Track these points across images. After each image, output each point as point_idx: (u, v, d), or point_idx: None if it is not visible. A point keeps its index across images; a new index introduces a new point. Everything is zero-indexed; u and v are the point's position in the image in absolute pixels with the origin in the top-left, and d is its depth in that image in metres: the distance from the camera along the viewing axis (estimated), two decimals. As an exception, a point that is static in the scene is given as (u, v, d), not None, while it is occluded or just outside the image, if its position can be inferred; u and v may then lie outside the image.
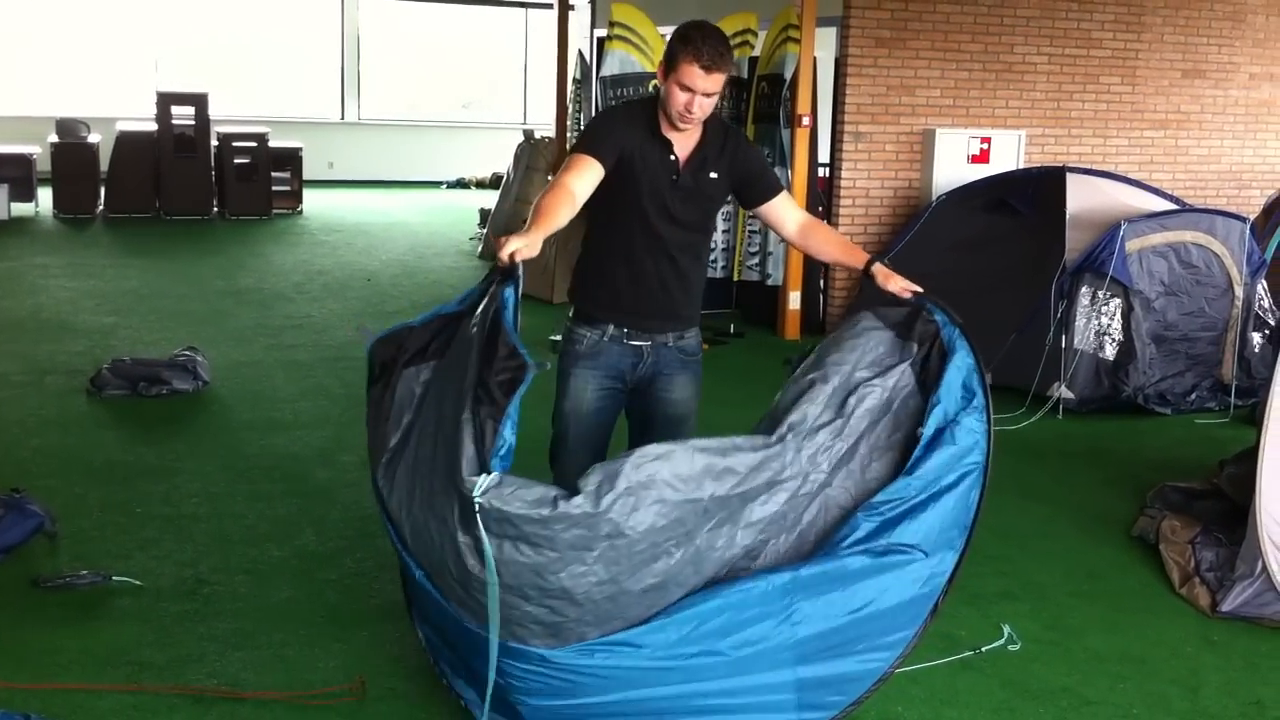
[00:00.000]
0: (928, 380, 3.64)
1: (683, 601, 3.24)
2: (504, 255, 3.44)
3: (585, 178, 3.78)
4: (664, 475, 3.16)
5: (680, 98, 3.79)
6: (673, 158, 3.93)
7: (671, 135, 3.92)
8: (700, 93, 3.78)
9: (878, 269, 4.01)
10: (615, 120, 4.00)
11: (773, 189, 4.11)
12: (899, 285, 3.93)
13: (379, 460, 3.60)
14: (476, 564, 3.10)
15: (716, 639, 3.27)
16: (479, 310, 3.48)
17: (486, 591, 3.09)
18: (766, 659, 3.34)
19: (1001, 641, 4.37)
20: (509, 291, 3.43)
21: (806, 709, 3.46)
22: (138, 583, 4.58)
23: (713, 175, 3.98)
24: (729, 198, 4.14)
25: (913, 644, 3.62)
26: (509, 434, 3.09)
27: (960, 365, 3.68)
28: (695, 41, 3.73)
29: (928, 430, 3.49)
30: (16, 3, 18.01)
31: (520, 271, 3.47)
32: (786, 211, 4.15)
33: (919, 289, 3.87)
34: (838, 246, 4.28)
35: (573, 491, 3.10)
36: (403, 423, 3.59)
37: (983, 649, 4.31)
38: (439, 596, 3.33)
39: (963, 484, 3.53)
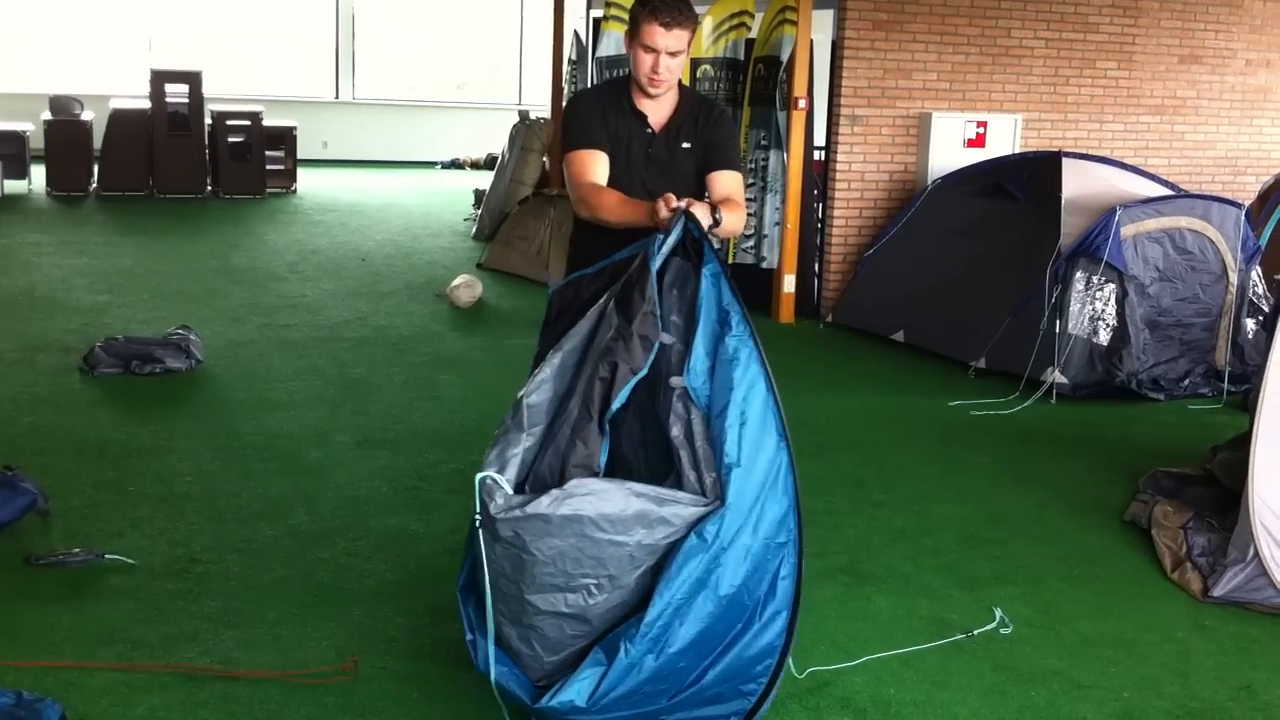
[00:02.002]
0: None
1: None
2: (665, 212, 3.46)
3: (600, 168, 3.84)
4: (590, 513, 3.11)
5: (646, 60, 3.84)
6: (648, 130, 3.95)
7: (645, 106, 3.95)
8: (664, 51, 3.81)
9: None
10: (590, 105, 4.03)
11: (725, 163, 4.01)
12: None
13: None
14: None
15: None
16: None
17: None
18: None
19: (993, 625, 4.38)
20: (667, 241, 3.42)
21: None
22: (130, 561, 4.57)
23: (685, 145, 3.99)
24: None
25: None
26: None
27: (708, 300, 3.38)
28: (653, 1, 3.79)
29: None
30: (10, -21, 17.94)
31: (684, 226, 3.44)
32: (716, 185, 3.99)
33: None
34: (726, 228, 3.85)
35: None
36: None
37: (974, 632, 4.32)
38: None
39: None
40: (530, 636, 3.28)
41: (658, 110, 3.98)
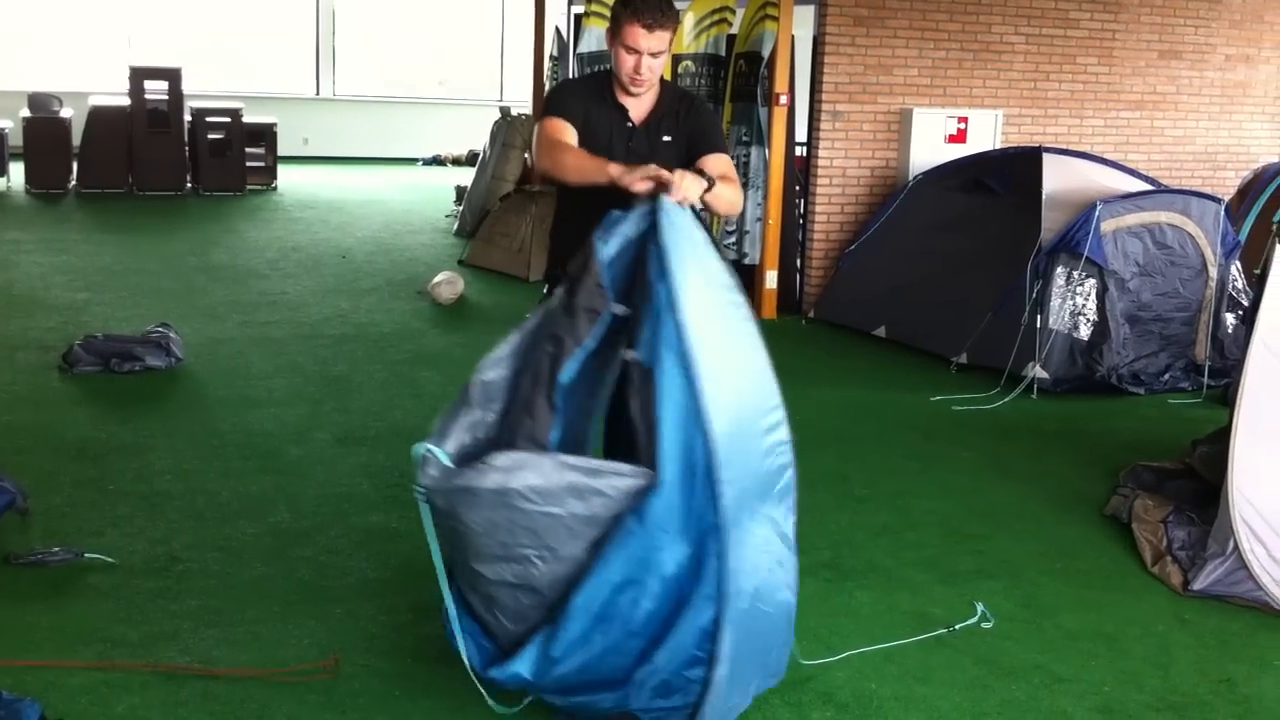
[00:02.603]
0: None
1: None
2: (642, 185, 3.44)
3: (570, 136, 3.85)
4: (517, 485, 3.13)
5: (628, 61, 3.85)
6: (629, 124, 3.97)
7: (626, 101, 3.97)
8: (645, 52, 3.83)
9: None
10: (575, 87, 4.12)
11: (712, 147, 3.99)
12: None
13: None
14: None
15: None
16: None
17: None
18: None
19: (974, 619, 4.39)
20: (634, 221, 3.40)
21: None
22: (110, 560, 4.55)
23: (666, 139, 4.00)
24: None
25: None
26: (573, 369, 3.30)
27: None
28: (635, 2, 3.79)
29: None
30: (-13, -25, 17.84)
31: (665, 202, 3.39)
32: (706, 168, 3.87)
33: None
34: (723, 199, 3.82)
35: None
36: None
37: (956, 627, 4.33)
38: None
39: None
40: (491, 605, 3.33)
41: (639, 105, 4.00)
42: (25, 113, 14.35)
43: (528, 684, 3.31)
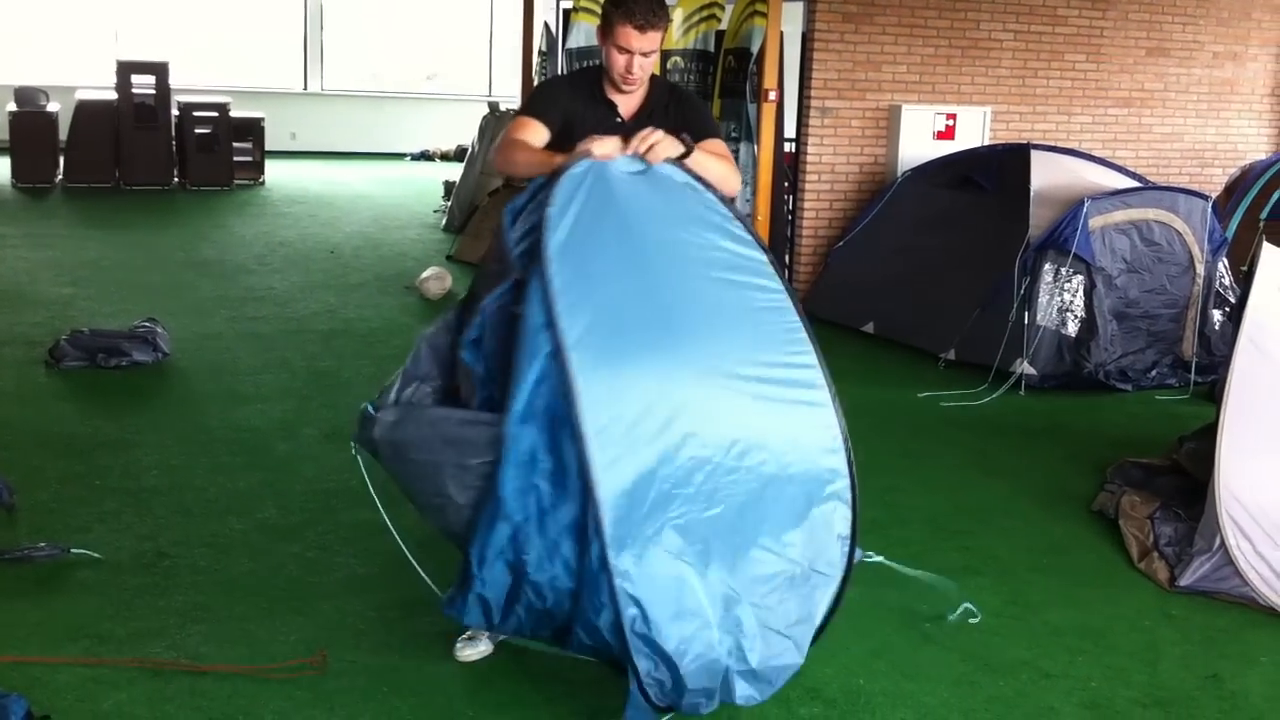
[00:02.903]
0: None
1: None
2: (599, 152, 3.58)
3: (537, 136, 3.87)
4: (401, 438, 3.49)
5: (619, 60, 3.87)
6: (618, 119, 3.98)
7: (615, 97, 3.99)
8: (637, 52, 3.85)
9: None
10: (559, 86, 4.12)
11: (705, 133, 4.00)
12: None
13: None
14: None
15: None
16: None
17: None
18: None
19: (959, 612, 4.38)
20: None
21: None
22: (97, 555, 4.54)
23: None
24: None
25: None
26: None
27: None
28: (628, 3, 3.80)
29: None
30: (-27, -32, 17.75)
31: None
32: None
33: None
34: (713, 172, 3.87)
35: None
36: None
37: (950, 616, 4.33)
38: None
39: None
40: (453, 544, 3.55)
41: (628, 101, 4.02)
42: (11, 107, 14.29)
43: (472, 620, 3.51)
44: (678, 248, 3.59)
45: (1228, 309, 7.95)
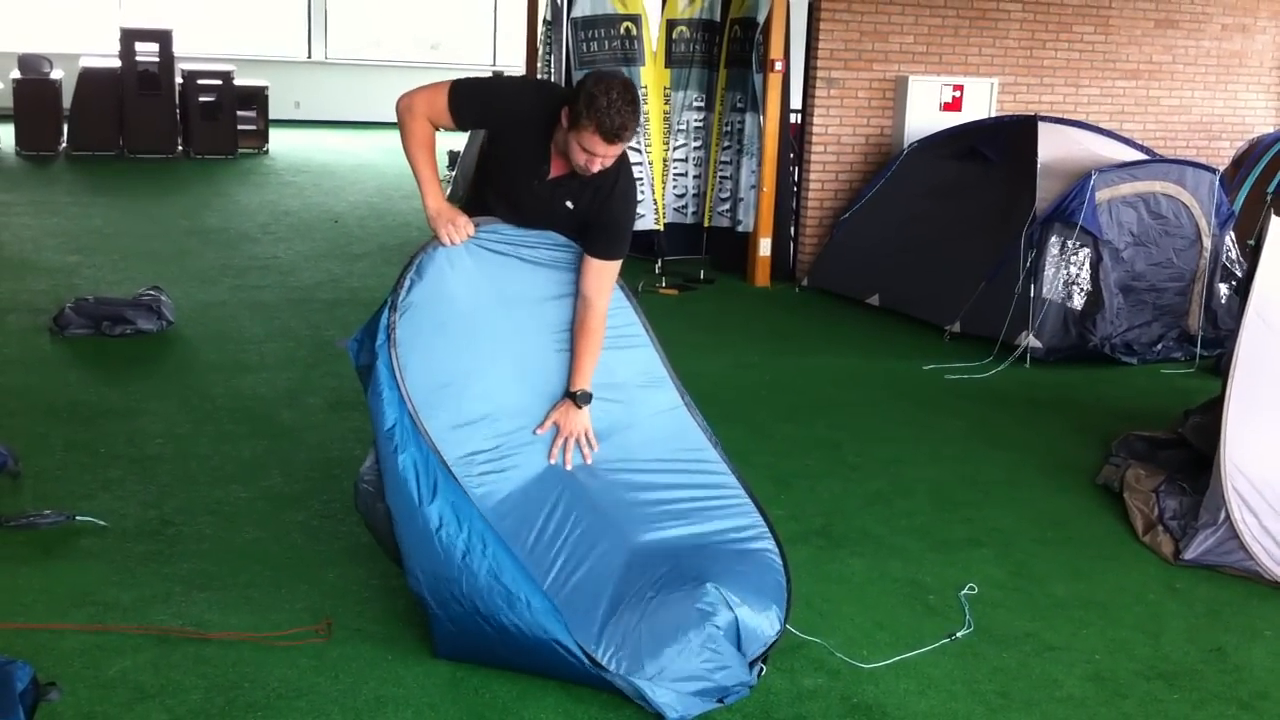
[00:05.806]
0: None
1: None
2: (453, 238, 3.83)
3: (442, 120, 3.86)
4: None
5: (580, 156, 3.69)
6: (545, 166, 3.84)
7: (558, 158, 3.82)
8: (601, 156, 3.68)
9: (565, 402, 3.93)
10: (516, 113, 3.85)
11: (601, 252, 3.87)
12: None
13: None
14: None
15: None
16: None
17: None
18: None
19: (966, 594, 4.38)
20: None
21: None
22: (102, 523, 4.55)
23: (569, 204, 3.88)
24: None
25: None
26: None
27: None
28: (601, 110, 3.56)
29: None
30: (-24, -66, 17.66)
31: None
32: (586, 279, 3.89)
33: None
34: (579, 352, 3.94)
35: None
36: None
37: (957, 635, 4.33)
38: None
39: None
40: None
41: (564, 160, 3.82)
42: (15, 74, 14.22)
43: (425, 604, 3.71)
44: (514, 331, 3.94)
45: (1234, 282, 7.94)
